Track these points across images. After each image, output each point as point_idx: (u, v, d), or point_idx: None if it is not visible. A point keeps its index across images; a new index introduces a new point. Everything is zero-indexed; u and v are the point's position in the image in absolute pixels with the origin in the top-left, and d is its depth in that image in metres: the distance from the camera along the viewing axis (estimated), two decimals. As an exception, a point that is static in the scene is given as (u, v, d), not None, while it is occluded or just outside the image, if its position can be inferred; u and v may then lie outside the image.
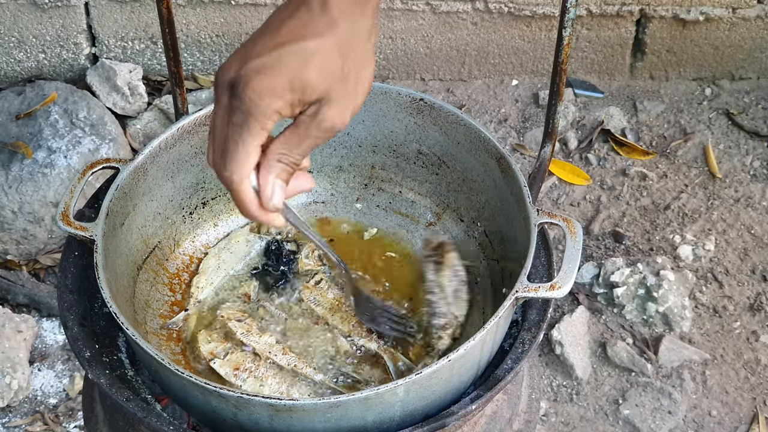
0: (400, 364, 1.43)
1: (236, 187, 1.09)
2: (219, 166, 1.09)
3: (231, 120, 1.06)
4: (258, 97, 1.04)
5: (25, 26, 2.90)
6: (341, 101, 1.07)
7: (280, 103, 1.04)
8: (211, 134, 1.10)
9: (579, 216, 2.74)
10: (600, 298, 2.53)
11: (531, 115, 2.99)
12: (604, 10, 2.92)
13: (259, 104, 1.04)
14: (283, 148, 1.09)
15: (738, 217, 2.72)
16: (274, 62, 1.04)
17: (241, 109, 1.05)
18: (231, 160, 1.08)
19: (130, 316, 1.41)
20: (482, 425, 1.45)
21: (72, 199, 1.42)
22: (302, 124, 1.08)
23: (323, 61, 1.04)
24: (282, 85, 1.04)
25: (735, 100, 3.03)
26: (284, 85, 1.04)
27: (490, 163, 1.47)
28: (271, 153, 1.09)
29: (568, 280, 1.31)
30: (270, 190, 1.11)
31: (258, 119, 1.05)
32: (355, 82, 1.08)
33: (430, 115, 1.53)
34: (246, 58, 1.05)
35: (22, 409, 2.37)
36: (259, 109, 1.04)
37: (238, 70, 1.05)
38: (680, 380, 2.40)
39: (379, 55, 3.03)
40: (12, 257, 2.59)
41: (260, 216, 1.13)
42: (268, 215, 1.13)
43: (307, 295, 1.51)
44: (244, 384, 1.39)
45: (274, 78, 1.04)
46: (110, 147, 2.67)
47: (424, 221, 1.61)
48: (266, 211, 1.12)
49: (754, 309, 2.53)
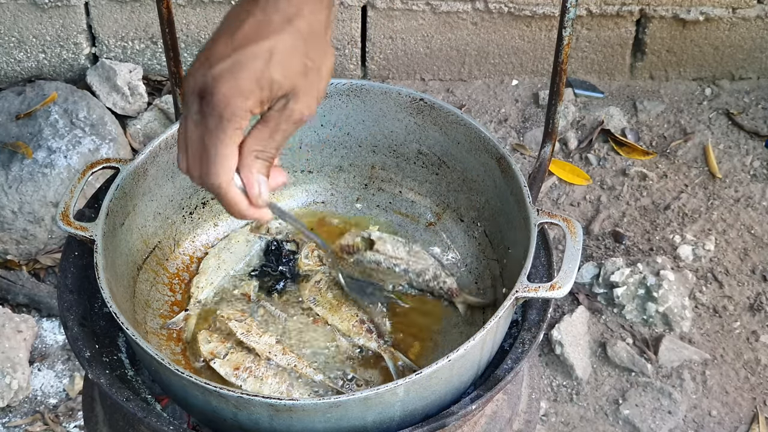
0: (399, 364, 1.43)
1: (224, 191, 1.12)
2: (200, 174, 1.12)
3: (205, 126, 1.08)
4: (229, 99, 1.06)
5: (25, 26, 2.90)
6: (307, 94, 1.10)
7: (250, 102, 1.06)
8: (183, 143, 1.11)
9: (579, 216, 2.74)
10: (600, 298, 2.53)
11: (531, 115, 2.99)
12: (604, 10, 2.92)
13: (230, 106, 1.06)
14: (257, 144, 1.11)
15: (738, 217, 2.72)
16: (238, 64, 1.06)
17: (214, 114, 1.07)
18: (213, 166, 1.10)
19: (130, 316, 1.41)
20: (482, 425, 1.45)
21: (72, 199, 1.42)
22: (272, 119, 1.10)
23: (284, 58, 1.06)
24: (249, 85, 1.06)
25: (735, 100, 3.03)
26: (251, 85, 1.06)
27: (490, 163, 1.47)
28: (248, 151, 1.11)
29: (568, 280, 1.31)
30: (257, 187, 1.13)
31: (232, 121, 1.07)
32: (317, 74, 1.10)
33: (430, 115, 1.53)
34: (210, 63, 1.07)
35: (22, 409, 2.37)
36: (231, 111, 1.06)
37: (204, 75, 1.07)
38: (680, 380, 2.40)
39: (379, 55, 3.03)
40: (12, 257, 2.59)
41: (252, 214, 1.15)
42: (259, 211, 1.16)
43: (307, 295, 1.51)
44: (244, 384, 1.39)
45: (240, 79, 1.05)
46: (110, 147, 2.67)
47: (424, 221, 1.61)
48: (257, 208, 1.15)
49: (754, 309, 2.53)
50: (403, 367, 1.43)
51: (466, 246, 1.57)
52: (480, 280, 1.54)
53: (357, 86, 1.55)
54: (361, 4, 2.92)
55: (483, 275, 1.54)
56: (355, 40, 2.99)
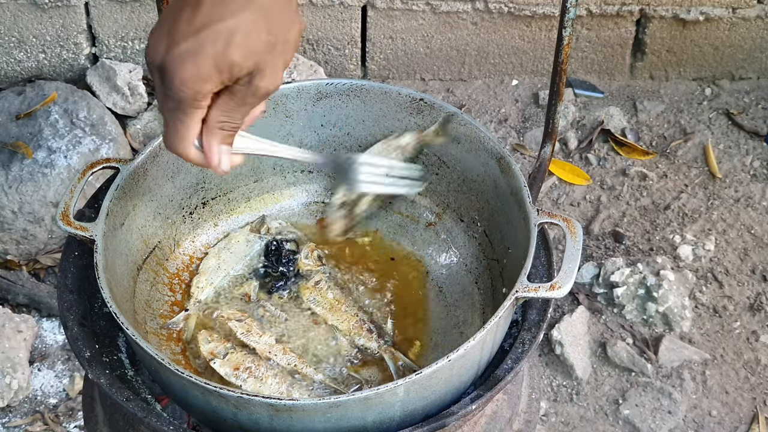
0: (400, 364, 1.43)
1: (187, 158, 1.14)
2: (167, 142, 1.13)
3: (167, 102, 1.09)
4: (186, 85, 1.05)
5: (25, 26, 2.90)
6: (272, 68, 1.08)
7: (209, 85, 1.06)
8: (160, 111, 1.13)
9: (579, 216, 2.74)
10: (600, 298, 2.53)
11: (531, 115, 2.99)
12: (604, 10, 2.92)
13: (187, 91, 1.06)
14: (222, 116, 1.12)
15: (738, 217, 2.72)
16: (197, 47, 1.04)
17: (172, 97, 1.07)
18: (174, 137, 1.12)
19: (130, 316, 1.41)
20: (482, 425, 1.45)
21: (72, 199, 1.42)
22: (238, 93, 1.10)
23: (245, 38, 1.05)
24: (207, 69, 1.05)
25: (735, 100, 3.03)
26: (210, 69, 1.05)
27: (490, 163, 1.47)
28: (212, 121, 1.12)
29: (568, 280, 1.31)
30: (216, 158, 1.15)
31: (190, 104, 1.07)
32: (283, 46, 1.08)
33: (430, 115, 1.53)
34: (171, 41, 1.05)
35: (22, 409, 2.37)
36: (188, 95, 1.06)
37: (164, 55, 1.06)
38: (680, 380, 2.40)
39: (380, 55, 3.03)
40: (12, 257, 2.59)
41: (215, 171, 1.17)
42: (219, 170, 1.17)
43: (307, 296, 1.51)
44: (244, 384, 1.39)
45: (198, 65, 1.04)
46: (110, 147, 2.67)
47: (424, 221, 1.61)
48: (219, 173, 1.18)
49: (754, 309, 2.53)
50: (403, 367, 1.43)
51: (466, 246, 1.57)
52: (480, 280, 1.54)
53: (357, 86, 1.55)
54: (361, 4, 2.92)
55: (483, 275, 1.54)
56: (355, 40, 2.99)
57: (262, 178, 1.62)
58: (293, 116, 1.57)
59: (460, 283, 1.55)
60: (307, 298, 1.51)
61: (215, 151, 1.14)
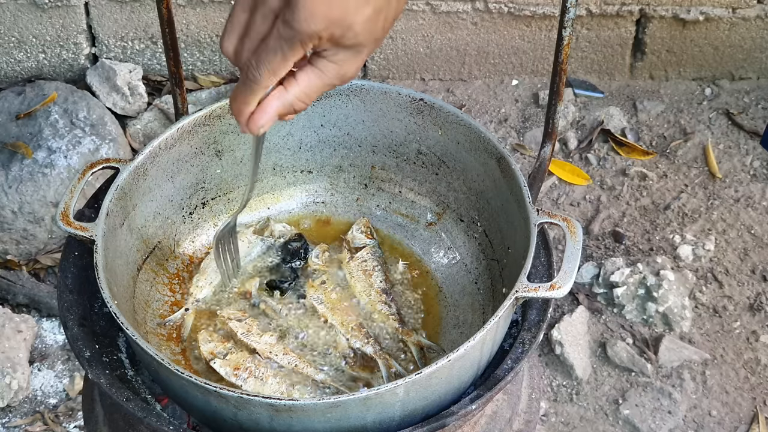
0: (393, 370, 1.43)
1: (256, 87, 1.11)
2: (248, 61, 1.10)
3: (278, 29, 1.07)
4: (313, 21, 1.04)
5: (25, 26, 2.90)
6: (363, 56, 1.10)
7: (325, 34, 1.06)
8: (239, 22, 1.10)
9: (579, 216, 2.74)
10: (600, 298, 2.53)
11: (531, 115, 2.99)
12: (604, 10, 2.92)
13: (310, 28, 1.05)
14: (303, 94, 1.12)
15: (738, 217, 2.72)
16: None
17: (292, 26, 1.05)
18: (267, 63, 1.08)
19: (130, 316, 1.41)
20: (482, 425, 1.45)
21: (72, 199, 1.42)
22: (328, 71, 1.10)
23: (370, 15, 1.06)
24: (333, 20, 1.05)
25: (735, 100, 3.03)
26: (334, 21, 1.05)
27: (490, 163, 1.47)
28: (293, 90, 1.12)
29: (568, 280, 1.31)
30: (266, 118, 1.13)
31: (304, 42, 1.06)
32: (382, 39, 1.10)
33: (430, 115, 1.53)
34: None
35: (22, 409, 2.37)
36: (308, 33, 1.05)
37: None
38: (680, 380, 2.40)
39: (379, 55, 3.03)
40: (12, 257, 2.59)
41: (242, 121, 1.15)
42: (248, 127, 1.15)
43: (311, 293, 1.51)
44: (244, 384, 1.39)
45: (331, 9, 1.04)
46: (110, 147, 2.67)
47: (424, 221, 1.61)
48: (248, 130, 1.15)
49: (754, 309, 2.53)
50: (396, 373, 1.43)
51: (466, 246, 1.57)
52: (480, 280, 1.54)
53: (357, 86, 1.55)
54: (361, 4, 2.92)
55: (483, 275, 1.54)
56: (355, 40, 2.99)
57: (261, 178, 1.62)
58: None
59: (460, 283, 1.55)
60: (311, 295, 1.51)
61: (272, 111, 1.13)
